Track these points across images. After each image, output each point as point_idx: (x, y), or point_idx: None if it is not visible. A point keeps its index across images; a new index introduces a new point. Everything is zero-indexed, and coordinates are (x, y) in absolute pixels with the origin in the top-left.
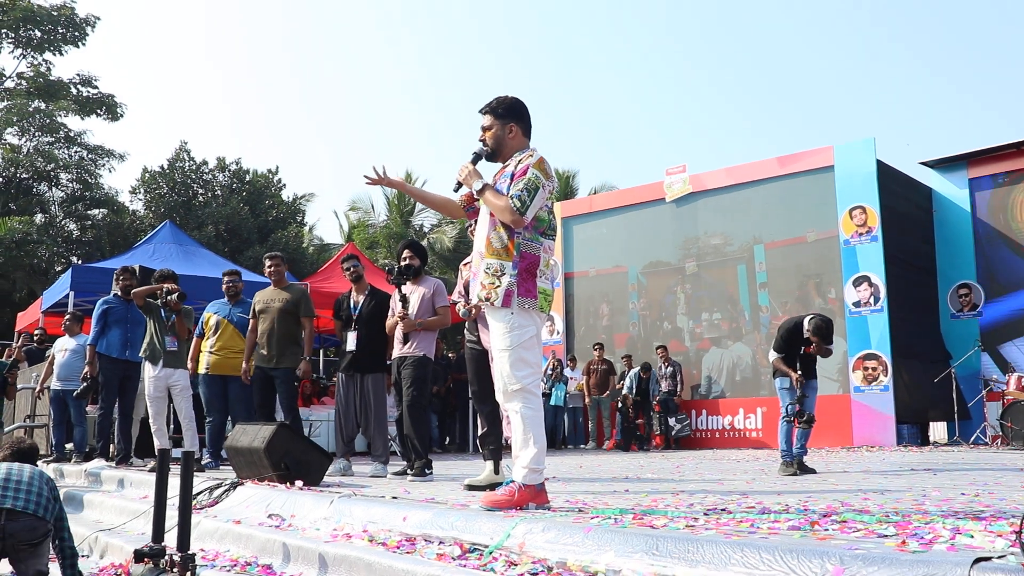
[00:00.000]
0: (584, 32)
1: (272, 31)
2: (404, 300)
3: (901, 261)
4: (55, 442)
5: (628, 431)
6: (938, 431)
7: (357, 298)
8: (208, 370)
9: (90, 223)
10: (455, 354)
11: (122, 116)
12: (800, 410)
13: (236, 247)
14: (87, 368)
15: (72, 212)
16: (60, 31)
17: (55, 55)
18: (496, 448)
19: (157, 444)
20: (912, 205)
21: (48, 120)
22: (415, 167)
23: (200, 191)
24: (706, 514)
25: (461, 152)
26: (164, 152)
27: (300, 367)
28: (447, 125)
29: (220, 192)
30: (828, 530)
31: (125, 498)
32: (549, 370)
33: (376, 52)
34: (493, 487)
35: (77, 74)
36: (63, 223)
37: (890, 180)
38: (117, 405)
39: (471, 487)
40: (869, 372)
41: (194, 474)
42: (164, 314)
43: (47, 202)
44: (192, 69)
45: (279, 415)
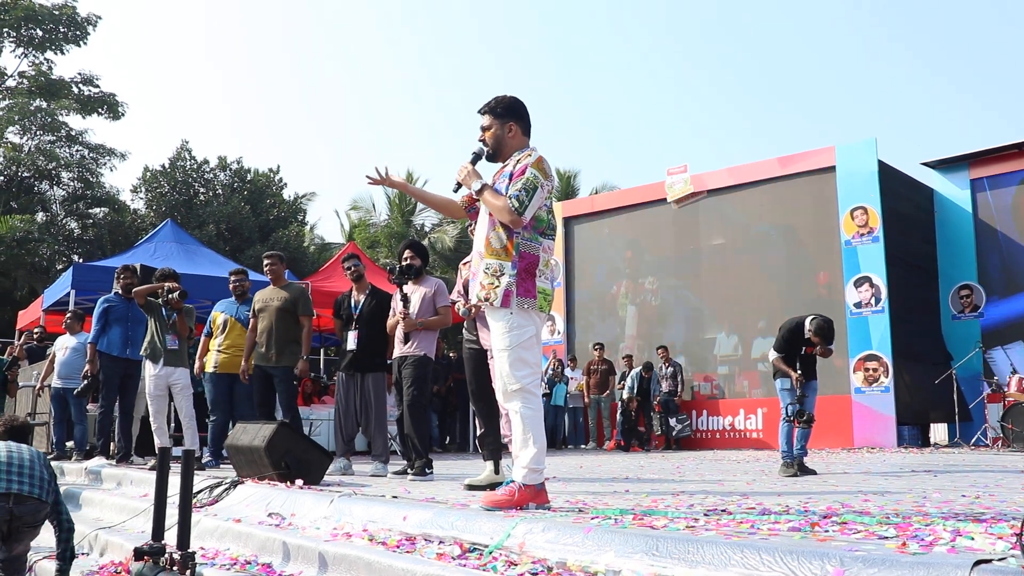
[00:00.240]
0: (584, 32)
1: (272, 31)
2: (405, 299)
3: (902, 262)
4: (56, 440)
5: (629, 431)
6: (939, 433)
7: (358, 297)
8: (216, 368)
9: (91, 222)
10: (456, 354)
11: (123, 115)
12: (800, 410)
13: (237, 246)
14: (88, 366)
15: (73, 211)
16: (61, 30)
17: (56, 54)
18: (496, 448)
19: (157, 442)
20: (913, 206)
21: (49, 119)
22: (415, 167)
23: (201, 190)
24: (706, 515)
25: (461, 152)
26: (165, 151)
27: (298, 366)
28: (447, 125)
29: (221, 191)
30: (828, 531)
31: (125, 496)
32: (550, 370)
33: (376, 52)
34: (493, 487)
35: (78, 73)
36: (64, 222)
37: (891, 181)
38: (118, 403)
39: (471, 487)
40: (870, 373)
41: (194, 472)
42: (165, 313)
43: (48, 201)
44: (193, 68)
45: (279, 414)
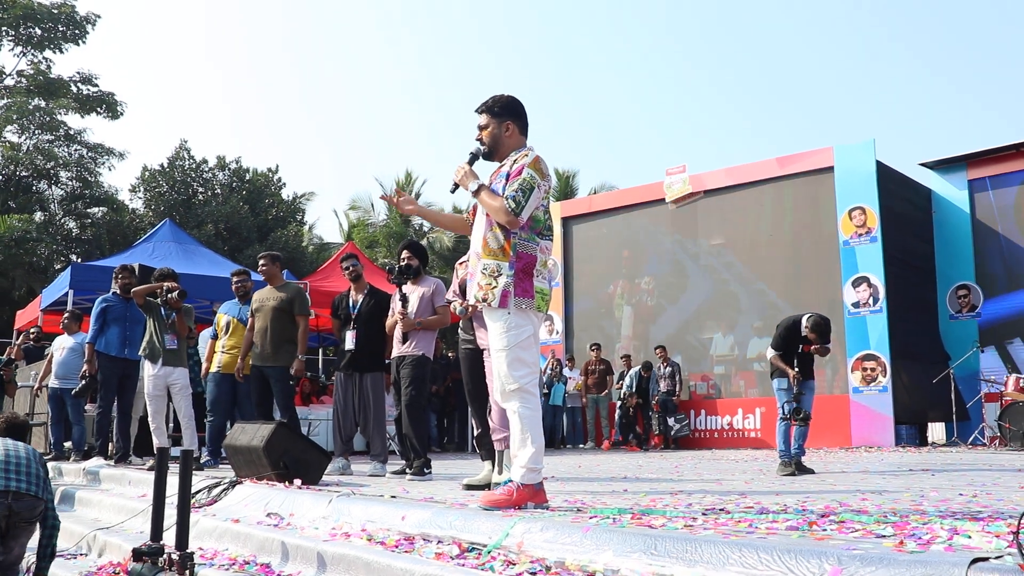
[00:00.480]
0: (584, 32)
1: (272, 30)
2: (404, 299)
3: (900, 262)
4: (53, 440)
5: (626, 426)
6: (936, 432)
7: (356, 297)
8: (219, 368)
9: (90, 221)
10: (454, 354)
11: (122, 114)
12: (797, 407)
13: (236, 246)
14: (86, 366)
15: (72, 210)
16: (60, 29)
17: (55, 53)
18: (493, 447)
19: (156, 443)
20: (911, 206)
21: (48, 118)
22: (415, 167)
23: (200, 190)
24: (704, 514)
25: (461, 152)
26: (164, 150)
27: (293, 365)
28: (447, 125)
29: (220, 191)
30: (826, 530)
31: (124, 497)
32: (549, 370)
33: (376, 52)
34: (491, 486)
35: (77, 72)
36: (63, 221)
37: (889, 181)
38: (116, 404)
39: (469, 486)
40: (868, 373)
41: (193, 473)
42: (164, 312)
43: (47, 200)
44: (192, 67)
45: (277, 413)
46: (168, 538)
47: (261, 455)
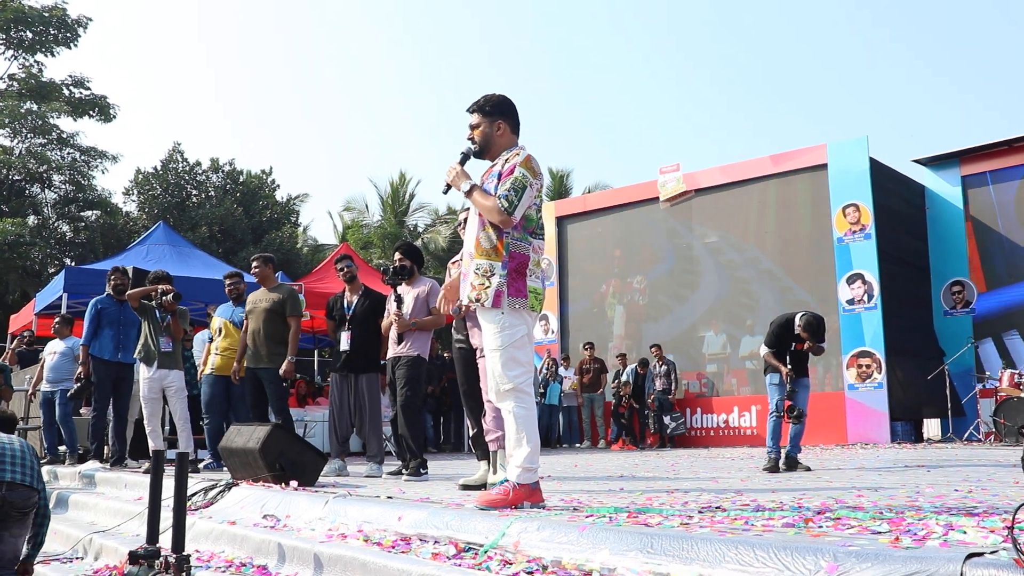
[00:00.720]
0: (577, 32)
1: (266, 31)
2: (399, 300)
3: (894, 258)
4: (47, 444)
5: (619, 420)
6: (932, 428)
7: (351, 298)
8: (213, 370)
9: (83, 225)
10: (450, 354)
11: (115, 117)
12: (790, 405)
13: (230, 248)
14: (80, 369)
15: (65, 214)
16: (52, 32)
17: (47, 56)
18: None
19: (151, 445)
20: (905, 202)
21: (40, 121)
22: (410, 168)
23: (194, 192)
24: (701, 512)
25: (456, 152)
26: (157, 153)
27: (283, 367)
28: (444, 126)
29: (214, 193)
30: (822, 527)
31: (119, 500)
32: (544, 369)
33: (372, 52)
34: (487, 486)
35: (69, 75)
36: (56, 225)
37: (883, 178)
38: (111, 407)
39: (466, 487)
40: (863, 369)
41: (189, 475)
42: (159, 315)
43: (40, 204)
44: (185, 70)
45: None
46: (164, 541)
47: (257, 457)
